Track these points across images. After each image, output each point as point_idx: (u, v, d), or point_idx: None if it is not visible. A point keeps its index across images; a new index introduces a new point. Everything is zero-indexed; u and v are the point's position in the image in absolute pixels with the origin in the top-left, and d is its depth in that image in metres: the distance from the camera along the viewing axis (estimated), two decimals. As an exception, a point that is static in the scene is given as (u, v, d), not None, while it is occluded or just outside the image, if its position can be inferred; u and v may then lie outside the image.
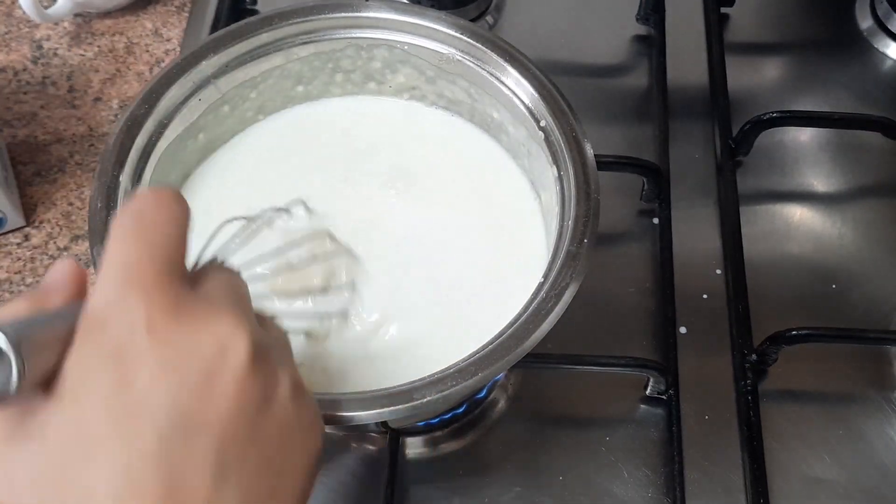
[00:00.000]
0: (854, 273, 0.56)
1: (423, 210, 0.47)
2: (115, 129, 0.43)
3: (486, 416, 0.51)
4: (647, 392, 0.51)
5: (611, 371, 0.51)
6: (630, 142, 0.62)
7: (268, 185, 0.47)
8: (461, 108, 0.50)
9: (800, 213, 0.60)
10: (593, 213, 0.40)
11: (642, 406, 0.52)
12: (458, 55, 0.47)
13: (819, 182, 0.61)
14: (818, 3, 0.71)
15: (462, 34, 0.46)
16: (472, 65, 0.46)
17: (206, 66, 0.46)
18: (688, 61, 0.66)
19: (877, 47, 0.68)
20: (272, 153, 0.49)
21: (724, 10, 0.69)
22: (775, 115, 0.59)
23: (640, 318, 0.54)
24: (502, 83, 0.46)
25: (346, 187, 0.47)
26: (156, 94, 0.44)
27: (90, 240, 0.40)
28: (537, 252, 0.45)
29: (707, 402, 0.51)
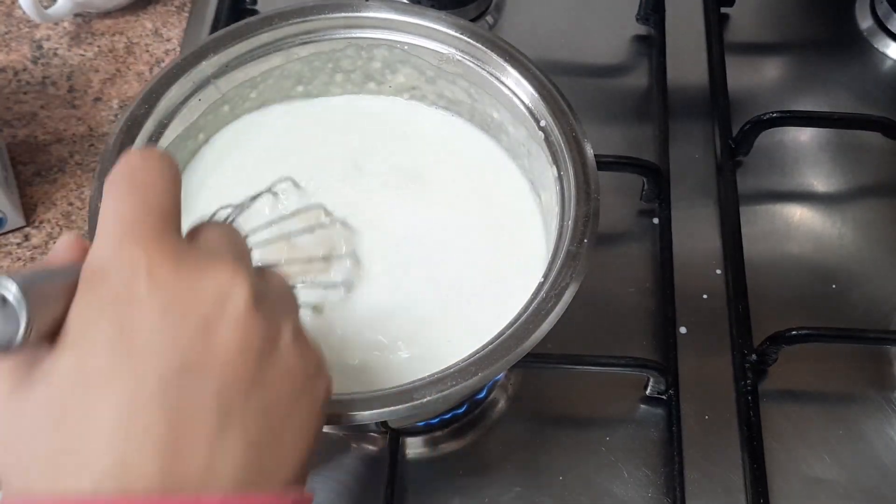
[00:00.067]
0: (854, 273, 0.56)
1: (423, 210, 0.47)
2: (115, 129, 0.43)
3: (487, 416, 0.51)
4: (647, 392, 0.51)
5: (611, 371, 0.51)
6: (630, 142, 0.62)
7: (266, 183, 0.47)
8: (461, 109, 0.50)
9: (800, 213, 0.60)
10: (593, 213, 0.40)
11: (642, 406, 0.51)
12: (458, 55, 0.47)
13: (819, 182, 0.61)
14: (818, 3, 0.71)
15: (462, 34, 0.46)
16: (472, 65, 0.46)
17: (206, 66, 0.46)
18: (688, 61, 0.66)
19: (877, 47, 0.68)
20: (270, 153, 0.49)
21: (724, 9, 0.69)
22: (775, 115, 0.59)
23: (640, 318, 0.54)
24: (502, 83, 0.46)
25: (344, 187, 0.47)
26: (156, 94, 0.44)
27: (91, 239, 0.40)
28: (537, 252, 0.45)
29: (707, 402, 0.51)
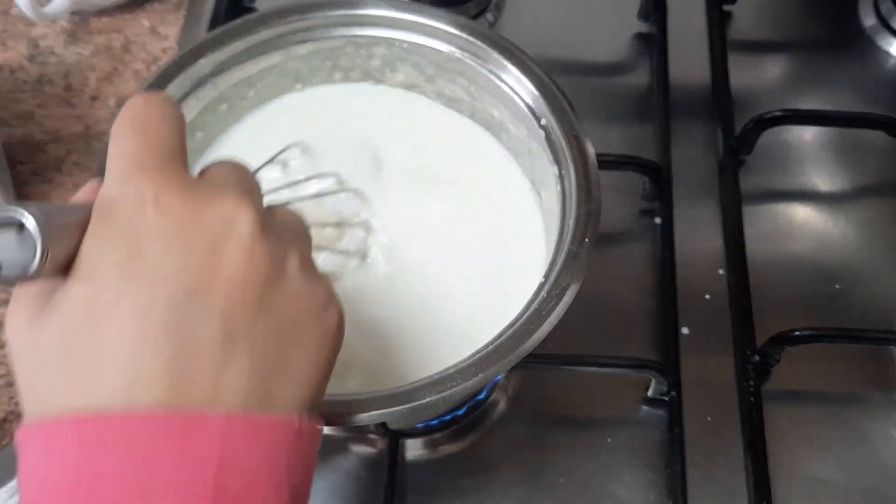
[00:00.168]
0: (857, 273, 0.56)
1: (423, 209, 0.47)
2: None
3: (487, 418, 0.51)
4: (649, 393, 0.51)
5: (612, 372, 0.51)
6: (631, 141, 0.61)
7: (264, 182, 0.47)
8: (461, 107, 0.50)
9: (803, 213, 0.59)
10: (594, 212, 0.40)
11: (644, 407, 0.51)
12: (458, 53, 0.46)
13: (822, 181, 0.61)
14: (821, 2, 0.70)
15: (462, 32, 0.46)
16: (471, 63, 0.46)
17: (204, 65, 0.45)
18: (689, 59, 0.66)
19: (880, 46, 0.67)
20: (269, 152, 0.49)
21: (726, 7, 0.68)
22: (778, 113, 0.59)
23: (641, 319, 0.54)
24: (502, 81, 0.45)
25: (342, 186, 0.47)
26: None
27: None
28: (538, 252, 0.45)
29: (709, 403, 0.51)
